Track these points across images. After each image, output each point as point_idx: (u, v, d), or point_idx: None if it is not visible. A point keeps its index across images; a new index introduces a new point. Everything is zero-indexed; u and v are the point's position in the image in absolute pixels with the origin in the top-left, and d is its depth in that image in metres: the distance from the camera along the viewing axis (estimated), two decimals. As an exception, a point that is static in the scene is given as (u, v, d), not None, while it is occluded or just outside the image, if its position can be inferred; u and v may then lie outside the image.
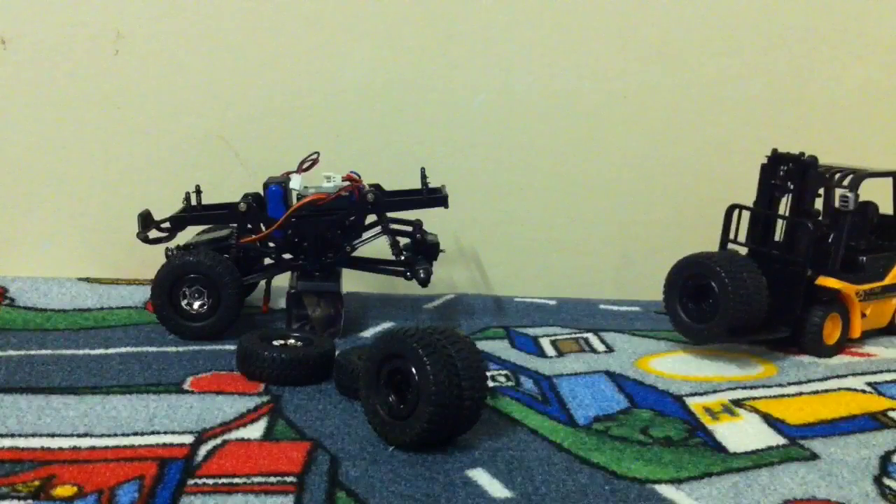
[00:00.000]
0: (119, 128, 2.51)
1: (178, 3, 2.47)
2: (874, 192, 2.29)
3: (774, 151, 2.20)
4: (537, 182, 2.62)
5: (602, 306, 2.58)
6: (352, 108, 2.54)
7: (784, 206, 2.21)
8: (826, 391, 1.94)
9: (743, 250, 2.22)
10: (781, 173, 2.18)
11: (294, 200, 2.17)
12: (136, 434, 1.60)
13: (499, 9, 2.53)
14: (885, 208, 2.33)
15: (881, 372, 2.06)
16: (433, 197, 2.24)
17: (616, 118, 2.61)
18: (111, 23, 2.46)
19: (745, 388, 1.95)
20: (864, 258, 2.24)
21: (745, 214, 2.23)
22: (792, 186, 2.16)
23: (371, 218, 2.23)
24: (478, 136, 2.59)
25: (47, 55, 2.46)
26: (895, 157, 2.58)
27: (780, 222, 2.21)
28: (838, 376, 2.03)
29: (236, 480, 1.44)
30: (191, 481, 1.44)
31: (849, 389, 1.95)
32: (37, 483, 1.41)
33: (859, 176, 2.17)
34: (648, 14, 2.57)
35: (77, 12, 2.45)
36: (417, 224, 2.24)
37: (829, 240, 2.18)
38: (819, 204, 2.21)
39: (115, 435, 1.59)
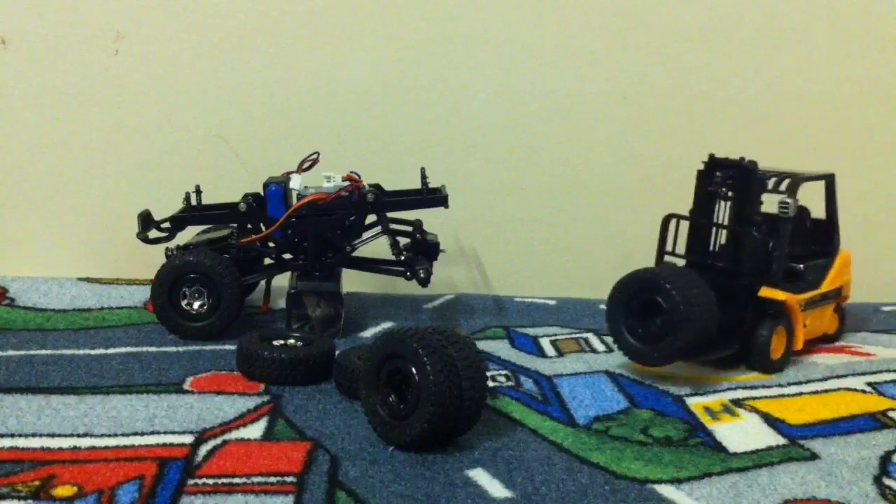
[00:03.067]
0: (119, 128, 2.51)
1: (178, 3, 2.47)
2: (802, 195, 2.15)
3: (711, 157, 2.08)
4: (537, 182, 2.62)
5: (602, 306, 2.56)
6: (352, 108, 2.54)
7: (721, 214, 2.08)
8: (826, 391, 1.94)
9: (681, 263, 2.10)
10: (718, 179, 2.05)
11: (294, 200, 2.17)
12: (136, 434, 1.60)
13: (499, 9, 2.53)
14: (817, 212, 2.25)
15: (881, 372, 2.06)
16: (433, 197, 2.24)
17: (616, 118, 2.61)
18: (111, 23, 2.46)
19: (745, 388, 1.95)
20: (803, 266, 2.11)
21: (683, 225, 2.10)
22: (731, 194, 2.04)
23: (371, 218, 2.23)
24: (478, 136, 2.59)
25: (47, 55, 2.46)
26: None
27: (717, 232, 2.09)
28: (838, 376, 2.02)
29: (236, 480, 1.44)
30: (191, 481, 1.43)
31: (849, 389, 1.95)
32: (37, 483, 1.41)
33: (796, 180, 2.05)
34: (648, 14, 2.57)
35: (77, 12, 2.45)
36: (417, 224, 2.24)
37: (769, 248, 2.04)
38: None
39: (115, 435, 1.59)
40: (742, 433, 1.71)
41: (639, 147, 2.62)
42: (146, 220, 2.20)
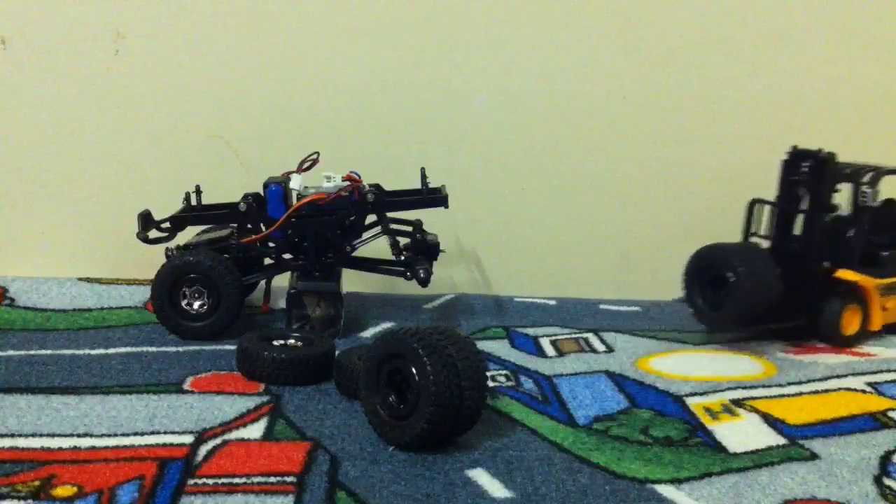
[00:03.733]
0: (119, 128, 2.51)
1: (178, 3, 2.47)
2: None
3: (794, 148, 2.24)
4: (537, 182, 2.62)
5: (602, 306, 2.58)
6: (352, 108, 2.54)
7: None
8: (826, 391, 1.94)
9: (766, 244, 2.28)
10: (801, 169, 2.22)
11: (294, 200, 2.17)
12: (136, 434, 1.60)
13: (499, 9, 2.53)
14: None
15: (881, 372, 2.06)
16: (433, 197, 2.24)
17: (616, 118, 2.61)
18: (111, 23, 2.46)
19: (745, 388, 1.95)
20: (886, 254, 2.30)
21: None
22: (809, 182, 2.21)
23: (371, 218, 2.23)
24: (478, 136, 2.59)
25: (47, 55, 2.46)
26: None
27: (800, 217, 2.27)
28: (838, 376, 2.02)
29: (236, 480, 1.44)
30: (191, 481, 1.44)
31: (849, 389, 1.95)
32: (37, 483, 1.41)
33: (879, 172, 2.23)
34: (648, 14, 2.57)
35: (77, 12, 2.45)
36: (417, 224, 2.24)
37: (847, 233, 2.24)
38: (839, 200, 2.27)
39: (115, 435, 1.59)
40: (742, 433, 1.71)
41: (639, 147, 2.62)
42: (146, 220, 2.19)
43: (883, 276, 2.27)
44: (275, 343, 1.94)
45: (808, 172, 2.21)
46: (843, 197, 2.27)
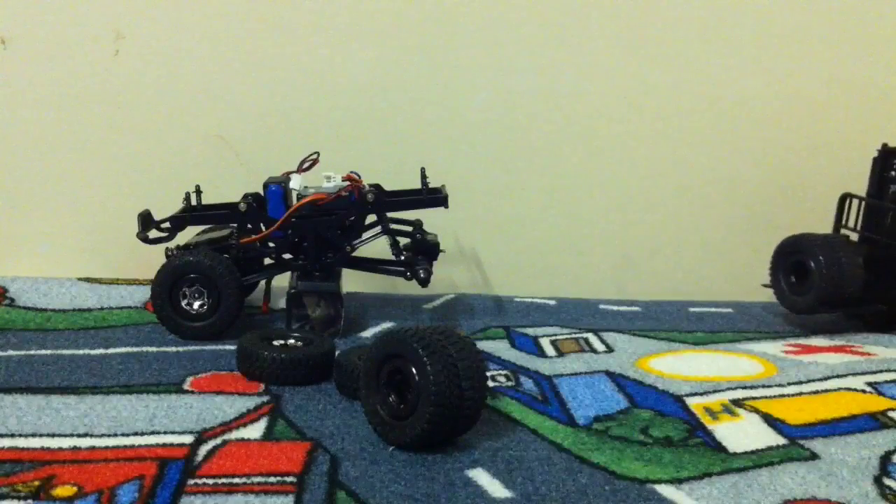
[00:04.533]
0: (119, 128, 2.51)
1: (178, 3, 2.47)
2: None
3: (885, 146, 2.35)
4: (537, 182, 2.62)
5: (602, 306, 2.58)
6: (352, 108, 2.54)
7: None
8: (826, 391, 1.94)
9: (855, 236, 2.39)
10: (892, 165, 2.33)
11: (294, 200, 2.17)
12: (136, 434, 1.60)
13: (499, 9, 2.53)
14: None
15: (881, 372, 2.06)
16: (433, 197, 2.24)
17: (616, 118, 2.61)
18: (111, 23, 2.46)
19: (745, 388, 1.94)
20: None
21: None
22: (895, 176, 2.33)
23: (371, 218, 2.23)
24: (478, 136, 2.59)
25: (47, 55, 2.46)
26: None
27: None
28: (838, 376, 2.02)
29: (236, 480, 1.44)
30: (191, 481, 1.43)
31: (849, 389, 1.95)
32: (37, 483, 1.41)
33: None
34: (648, 14, 2.57)
35: (77, 12, 2.45)
36: (417, 224, 2.24)
37: None
38: None
39: (115, 435, 1.59)
40: (742, 433, 1.71)
41: (639, 147, 2.62)
42: (146, 220, 2.19)
43: None
44: (275, 343, 1.94)
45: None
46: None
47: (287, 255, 2.23)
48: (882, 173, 2.36)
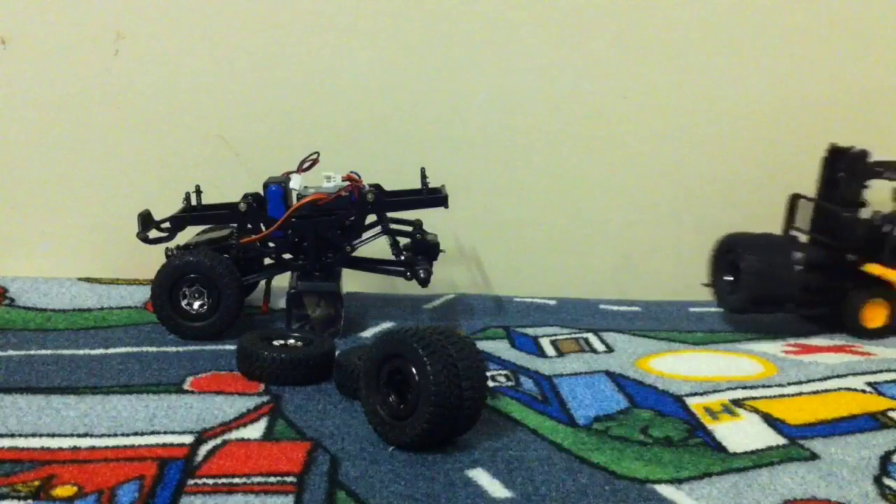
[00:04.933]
0: (119, 128, 2.51)
1: (178, 3, 2.47)
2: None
3: (832, 145, 2.34)
4: (537, 182, 2.62)
5: (602, 306, 2.58)
6: (352, 108, 2.54)
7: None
8: (826, 391, 1.94)
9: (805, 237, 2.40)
10: (837, 166, 2.31)
11: (294, 200, 2.17)
12: (136, 434, 1.60)
13: (499, 9, 2.53)
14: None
15: (881, 372, 2.06)
16: (433, 197, 2.24)
17: (616, 118, 2.61)
18: (111, 23, 2.46)
19: (745, 388, 1.95)
20: None
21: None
22: (843, 178, 2.30)
23: (371, 218, 2.23)
24: (478, 136, 2.59)
25: (47, 55, 2.46)
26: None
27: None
28: (838, 376, 2.02)
29: (236, 480, 1.44)
30: (191, 481, 1.44)
31: (849, 389, 1.95)
32: (37, 483, 1.41)
33: None
34: (648, 14, 2.56)
35: (77, 12, 2.45)
36: (417, 224, 2.24)
37: (876, 228, 2.32)
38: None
39: (115, 435, 1.59)
40: (742, 433, 1.71)
41: (639, 147, 2.62)
42: (146, 220, 2.19)
43: None
44: (275, 343, 1.94)
45: (843, 169, 2.29)
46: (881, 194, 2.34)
47: (287, 255, 2.23)
48: (829, 174, 2.34)
